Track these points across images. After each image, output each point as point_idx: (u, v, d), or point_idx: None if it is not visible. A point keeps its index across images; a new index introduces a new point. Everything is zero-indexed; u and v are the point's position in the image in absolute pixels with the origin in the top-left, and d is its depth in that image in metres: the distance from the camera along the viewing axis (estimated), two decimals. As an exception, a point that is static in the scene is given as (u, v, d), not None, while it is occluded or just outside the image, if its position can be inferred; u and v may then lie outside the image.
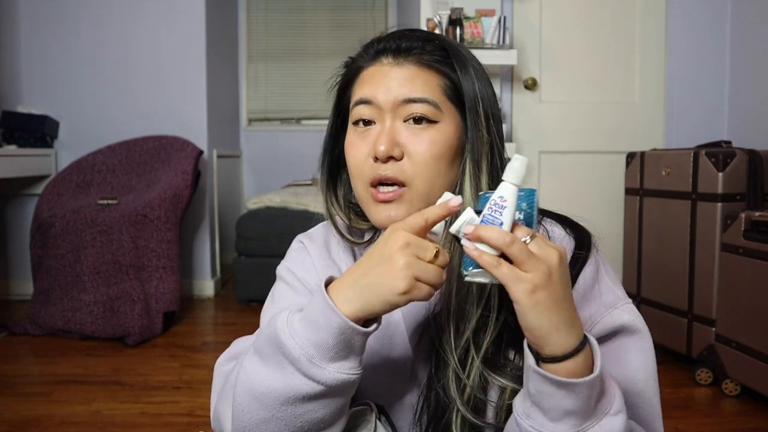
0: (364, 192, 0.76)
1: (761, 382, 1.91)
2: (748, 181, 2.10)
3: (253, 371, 0.65)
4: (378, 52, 0.76)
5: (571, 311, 0.60)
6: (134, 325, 2.59)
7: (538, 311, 0.58)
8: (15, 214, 3.33)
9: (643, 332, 0.73)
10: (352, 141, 0.76)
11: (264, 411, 0.64)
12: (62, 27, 3.31)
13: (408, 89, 0.73)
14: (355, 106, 0.76)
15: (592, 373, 0.59)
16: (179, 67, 3.38)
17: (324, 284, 0.63)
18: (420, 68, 0.74)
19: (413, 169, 0.72)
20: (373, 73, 0.76)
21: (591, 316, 0.72)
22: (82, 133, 3.32)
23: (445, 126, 0.73)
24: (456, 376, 0.70)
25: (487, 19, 2.63)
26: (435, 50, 0.75)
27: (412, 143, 0.72)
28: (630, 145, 2.87)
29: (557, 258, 0.59)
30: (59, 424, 1.86)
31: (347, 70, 0.81)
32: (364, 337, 0.63)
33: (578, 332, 0.60)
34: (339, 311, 0.60)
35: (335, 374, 0.62)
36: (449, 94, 0.74)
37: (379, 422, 0.72)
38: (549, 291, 0.58)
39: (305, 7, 4.56)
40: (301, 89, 4.55)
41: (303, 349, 0.61)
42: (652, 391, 0.73)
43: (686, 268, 2.23)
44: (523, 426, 0.62)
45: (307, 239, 0.88)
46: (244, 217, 3.27)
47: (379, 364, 0.79)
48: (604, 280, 0.75)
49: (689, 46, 2.95)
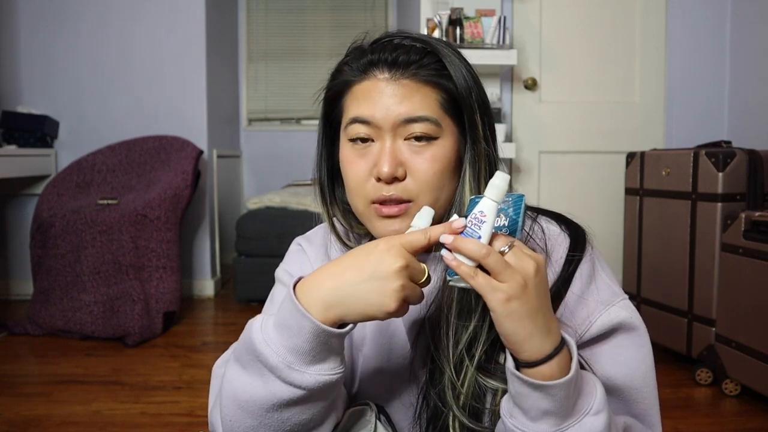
0: (365, 209, 0.74)
1: (761, 382, 1.91)
2: (748, 181, 2.10)
3: (235, 379, 0.65)
4: (371, 64, 0.73)
5: (546, 319, 0.62)
6: (134, 325, 2.59)
7: (513, 319, 0.60)
8: (15, 214, 3.32)
9: (641, 328, 0.74)
10: (351, 158, 0.74)
11: (250, 419, 0.64)
12: (62, 27, 3.31)
13: (407, 108, 0.71)
14: (351, 124, 0.73)
15: (567, 375, 0.60)
16: (179, 67, 3.38)
17: (293, 284, 0.63)
18: (418, 84, 0.72)
19: (417, 187, 0.72)
20: (367, 89, 0.72)
21: (588, 314, 0.72)
22: (82, 133, 3.32)
23: (445, 141, 0.73)
24: (451, 384, 0.70)
25: (487, 19, 2.63)
26: (431, 63, 0.72)
27: (415, 162, 0.72)
28: (630, 145, 2.87)
29: (533, 268, 0.61)
30: (59, 424, 1.86)
31: (336, 82, 0.77)
32: (341, 339, 0.63)
33: (554, 338, 0.62)
34: (310, 316, 0.60)
35: (316, 377, 0.62)
36: (447, 108, 0.73)
37: (379, 422, 0.72)
38: (523, 301, 0.59)
39: (305, 7, 4.56)
40: (301, 89, 4.55)
41: (280, 356, 0.61)
42: (651, 386, 0.74)
43: (686, 268, 2.23)
44: (508, 425, 0.64)
45: (305, 241, 0.88)
46: (244, 217, 3.27)
47: (379, 364, 0.79)
48: (600, 277, 0.75)
49: (689, 46, 2.95)
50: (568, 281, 0.73)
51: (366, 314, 0.61)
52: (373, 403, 0.75)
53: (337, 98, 0.77)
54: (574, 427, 0.62)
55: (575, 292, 0.72)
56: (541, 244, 0.75)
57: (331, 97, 0.78)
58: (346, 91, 0.76)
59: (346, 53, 0.77)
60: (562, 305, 0.72)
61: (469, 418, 0.69)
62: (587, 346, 0.73)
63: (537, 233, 0.76)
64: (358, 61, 0.74)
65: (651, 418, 0.74)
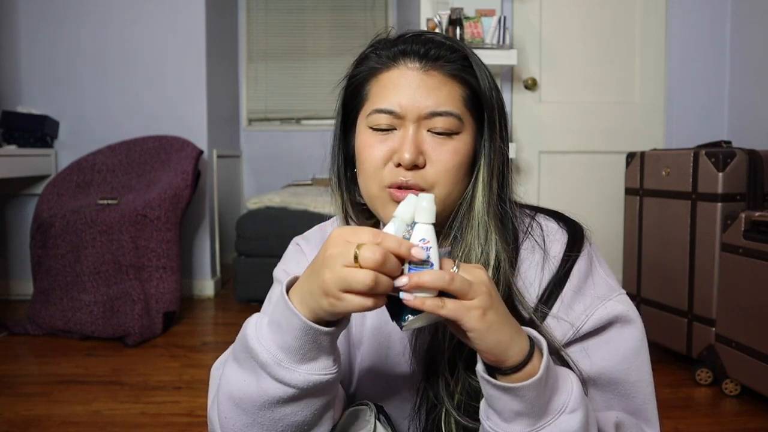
0: (380, 193, 0.74)
1: (761, 382, 1.91)
2: (748, 181, 2.10)
3: (231, 377, 0.66)
4: (401, 54, 0.74)
5: (511, 318, 0.63)
6: (134, 325, 2.59)
7: (494, 330, 0.60)
8: (15, 214, 3.32)
9: (636, 322, 0.74)
10: (370, 143, 0.74)
11: (245, 416, 0.65)
12: (62, 27, 3.31)
13: (434, 101, 0.71)
14: (375, 112, 0.73)
15: (534, 377, 0.61)
16: (179, 67, 3.38)
17: (287, 285, 0.63)
18: (446, 78, 0.73)
19: (435, 177, 0.72)
20: (395, 78, 0.73)
21: (585, 309, 0.73)
22: (82, 133, 3.32)
23: (466, 136, 0.74)
24: (445, 382, 0.71)
25: (487, 19, 2.63)
26: (459, 59, 0.74)
27: (437, 152, 0.72)
28: (630, 145, 2.87)
29: (485, 274, 0.61)
30: (59, 424, 1.86)
31: (361, 69, 0.77)
32: (330, 337, 0.62)
33: (523, 334, 0.63)
34: (298, 313, 0.60)
35: (306, 376, 0.62)
36: (469, 105, 0.74)
37: (379, 422, 0.72)
38: (495, 308, 0.60)
39: (305, 7, 4.56)
40: (301, 89, 4.55)
41: (270, 353, 0.62)
42: (647, 380, 0.74)
43: (686, 268, 2.23)
44: (485, 426, 0.65)
45: (303, 241, 0.88)
46: (244, 217, 3.26)
47: (377, 362, 0.80)
48: (597, 272, 0.76)
49: (689, 46, 2.95)
50: (565, 277, 0.73)
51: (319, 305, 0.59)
52: (372, 403, 0.75)
53: (360, 86, 0.77)
54: (549, 426, 0.62)
55: (572, 287, 0.73)
56: (540, 241, 0.76)
57: (353, 84, 0.78)
58: (371, 79, 0.76)
59: (370, 44, 0.78)
60: (559, 300, 0.72)
61: (462, 415, 0.70)
62: (582, 339, 0.73)
63: (535, 230, 0.77)
64: (388, 50, 0.75)
65: (647, 413, 0.74)
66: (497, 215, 0.73)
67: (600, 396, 0.73)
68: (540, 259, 0.75)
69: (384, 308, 0.61)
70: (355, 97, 0.78)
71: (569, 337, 0.72)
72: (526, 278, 0.74)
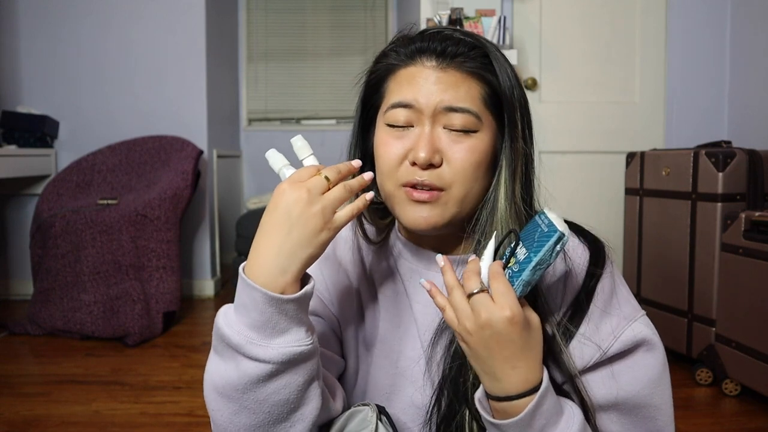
0: (395, 191, 0.73)
1: (761, 382, 1.91)
2: (748, 181, 2.10)
3: (213, 368, 0.68)
4: (419, 51, 0.73)
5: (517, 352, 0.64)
6: (134, 325, 2.59)
7: (474, 359, 0.64)
8: (15, 214, 3.32)
9: (659, 345, 0.73)
10: (387, 140, 0.73)
11: (231, 404, 0.65)
12: (62, 27, 3.31)
13: (451, 96, 0.70)
14: (392, 108, 0.73)
15: (517, 416, 0.61)
16: (179, 67, 3.38)
17: (243, 267, 0.66)
18: (464, 75, 0.72)
19: (452, 176, 0.71)
20: (412, 74, 0.72)
21: (613, 329, 0.71)
22: (82, 133, 3.32)
23: (484, 135, 0.72)
24: (464, 389, 0.71)
25: (487, 19, 2.63)
26: (478, 56, 0.72)
27: (452, 150, 0.71)
28: (630, 145, 2.87)
29: (499, 312, 0.62)
30: (59, 424, 1.86)
31: (380, 65, 0.77)
32: (296, 305, 0.63)
33: (534, 367, 0.63)
34: (258, 286, 0.62)
35: (280, 349, 0.62)
36: (489, 103, 0.72)
37: (380, 422, 0.72)
38: (485, 342, 0.63)
39: (305, 7, 4.56)
40: (301, 89, 4.55)
41: (241, 334, 0.63)
42: (668, 403, 0.75)
43: (686, 268, 2.23)
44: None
45: None
46: (244, 217, 3.27)
47: (389, 364, 0.79)
48: (621, 291, 0.74)
49: (689, 46, 2.95)
50: (590, 295, 0.72)
51: (311, 253, 0.64)
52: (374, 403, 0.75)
53: (379, 83, 0.77)
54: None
55: (599, 306, 0.72)
56: (563, 255, 0.74)
57: (372, 81, 0.78)
58: (390, 75, 0.75)
59: (391, 41, 0.77)
60: (587, 319, 0.71)
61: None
62: (610, 362, 0.72)
63: None
64: (407, 48, 0.74)
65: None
66: (522, 221, 0.71)
67: (622, 419, 0.73)
68: (562, 274, 0.73)
69: (396, 314, 0.64)
70: (374, 95, 0.78)
71: (596, 359, 0.70)
72: (548, 293, 0.72)
